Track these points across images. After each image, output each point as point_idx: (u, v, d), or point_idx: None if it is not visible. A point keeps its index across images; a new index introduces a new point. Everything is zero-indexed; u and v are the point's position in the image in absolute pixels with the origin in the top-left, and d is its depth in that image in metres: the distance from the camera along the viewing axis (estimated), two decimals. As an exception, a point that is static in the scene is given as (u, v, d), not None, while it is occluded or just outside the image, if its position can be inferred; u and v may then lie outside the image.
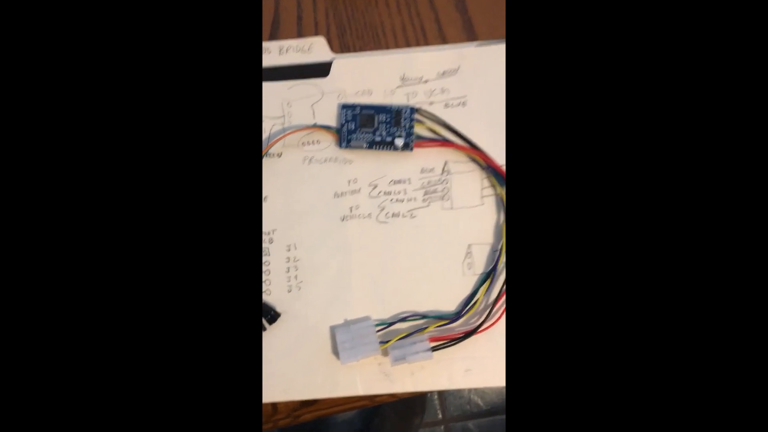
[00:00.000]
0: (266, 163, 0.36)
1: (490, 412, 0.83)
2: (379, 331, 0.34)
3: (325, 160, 0.36)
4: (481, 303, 0.34)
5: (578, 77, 0.24)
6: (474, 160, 0.36)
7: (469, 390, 0.83)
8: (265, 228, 0.36)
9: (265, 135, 0.36)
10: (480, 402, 0.83)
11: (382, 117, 0.36)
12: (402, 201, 0.36)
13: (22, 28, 0.24)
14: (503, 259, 0.34)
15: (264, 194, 0.36)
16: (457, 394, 0.83)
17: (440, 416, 0.82)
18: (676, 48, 0.23)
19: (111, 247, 0.23)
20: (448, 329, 0.34)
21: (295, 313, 0.35)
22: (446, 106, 0.36)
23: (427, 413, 0.82)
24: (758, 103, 0.23)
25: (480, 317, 0.34)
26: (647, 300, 0.23)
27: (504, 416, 0.83)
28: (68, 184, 0.23)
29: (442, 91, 0.37)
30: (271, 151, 0.36)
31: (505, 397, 0.83)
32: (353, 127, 0.36)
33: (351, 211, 0.36)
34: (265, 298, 0.35)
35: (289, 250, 0.35)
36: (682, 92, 0.23)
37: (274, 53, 0.37)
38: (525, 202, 0.24)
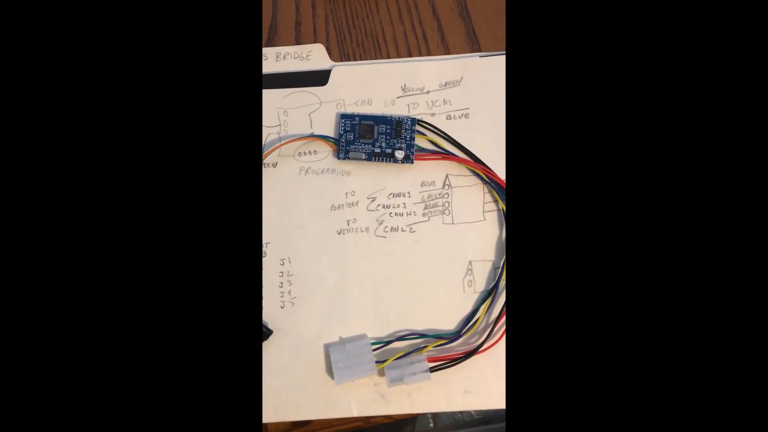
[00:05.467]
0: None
1: (483, 421, 0.83)
2: (375, 350, 0.33)
3: (322, 171, 0.35)
4: (481, 322, 0.33)
5: (578, 89, 0.23)
6: (476, 174, 0.35)
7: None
8: (258, 241, 0.34)
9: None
10: (473, 411, 0.82)
11: (382, 128, 0.35)
12: (401, 215, 0.35)
13: (21, 32, 0.23)
14: (505, 276, 0.33)
15: (258, 206, 0.35)
16: (449, 403, 0.82)
17: (431, 425, 0.81)
18: (674, 59, 0.23)
19: (112, 257, 0.23)
20: (447, 349, 0.33)
21: (288, 330, 0.33)
22: (448, 117, 0.35)
23: (419, 423, 0.81)
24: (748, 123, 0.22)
25: (480, 337, 0.33)
26: (648, 315, 0.22)
27: (497, 425, 0.82)
28: (69, 188, 0.23)
29: (444, 102, 0.36)
30: (266, 161, 0.35)
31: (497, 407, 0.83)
32: (352, 137, 0.35)
33: (348, 224, 0.35)
34: (258, 314, 0.34)
35: (282, 264, 0.34)
36: (680, 106, 0.23)
37: (271, 60, 0.36)
38: (526, 217, 0.23)
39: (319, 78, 0.36)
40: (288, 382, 0.33)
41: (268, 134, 0.35)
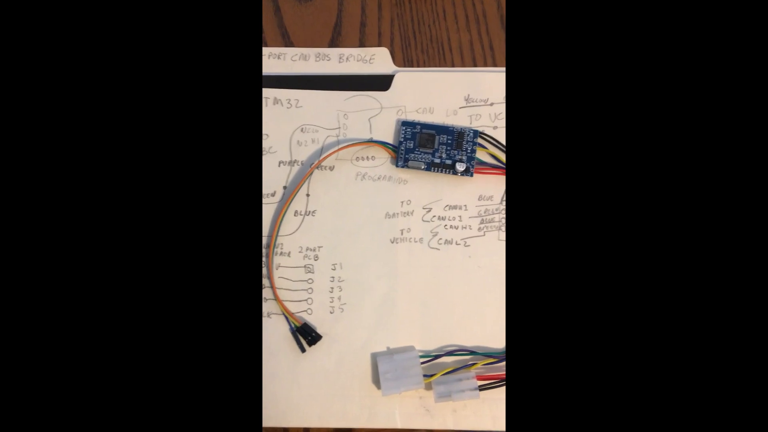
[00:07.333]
0: (317, 176, 0.34)
1: None
2: (423, 363, 0.32)
3: (379, 178, 0.35)
4: (532, 343, 0.32)
5: (586, 104, 0.23)
6: (535, 192, 0.34)
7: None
8: (311, 244, 0.34)
9: (318, 146, 0.35)
10: None
11: (443, 138, 0.34)
12: (456, 228, 0.34)
13: (21, 37, 0.23)
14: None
15: (313, 209, 0.34)
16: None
17: None
18: (670, 69, 0.23)
19: (112, 259, 0.23)
20: (496, 368, 0.32)
21: (335, 336, 0.33)
22: (510, 131, 0.35)
23: None
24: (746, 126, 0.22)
25: (530, 358, 0.32)
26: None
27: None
28: (71, 189, 0.23)
29: (507, 115, 0.35)
30: (323, 163, 0.34)
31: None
32: (412, 146, 0.34)
33: (402, 233, 0.34)
34: (307, 318, 0.33)
35: (334, 269, 0.34)
36: (678, 116, 0.23)
37: (334, 60, 0.36)
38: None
39: (382, 82, 0.35)
40: (333, 389, 0.33)
41: (326, 136, 0.35)
